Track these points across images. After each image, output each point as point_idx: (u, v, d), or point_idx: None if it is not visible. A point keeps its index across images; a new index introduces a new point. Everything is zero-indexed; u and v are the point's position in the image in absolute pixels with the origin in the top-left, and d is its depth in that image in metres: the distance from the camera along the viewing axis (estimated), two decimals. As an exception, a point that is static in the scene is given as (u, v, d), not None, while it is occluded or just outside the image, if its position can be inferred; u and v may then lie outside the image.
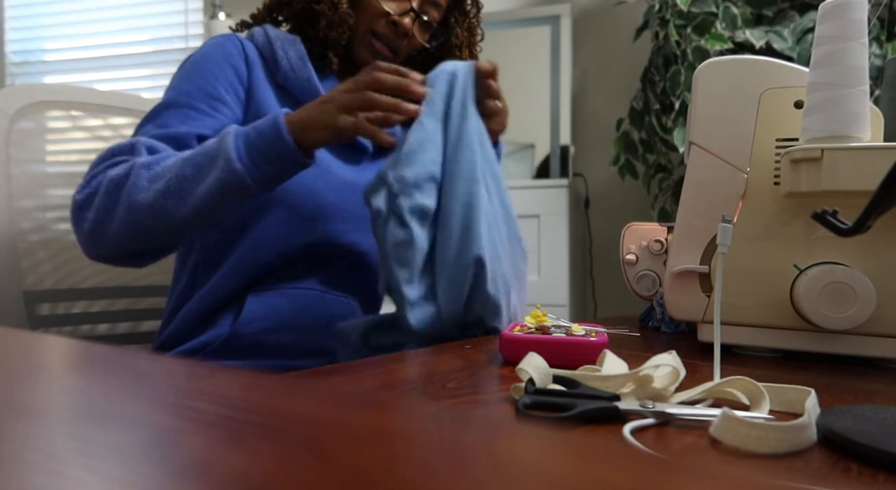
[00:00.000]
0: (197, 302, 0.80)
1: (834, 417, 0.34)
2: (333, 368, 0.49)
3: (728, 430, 0.32)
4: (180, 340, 0.81)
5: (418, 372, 0.47)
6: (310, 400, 0.20)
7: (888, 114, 0.60)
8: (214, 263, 0.81)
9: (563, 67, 2.21)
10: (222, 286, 0.80)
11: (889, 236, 0.55)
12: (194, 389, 0.22)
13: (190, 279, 0.83)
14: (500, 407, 0.38)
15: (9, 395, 0.20)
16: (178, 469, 0.14)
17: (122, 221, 0.70)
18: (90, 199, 0.72)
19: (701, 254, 0.60)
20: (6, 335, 0.29)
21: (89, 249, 0.75)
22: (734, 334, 0.59)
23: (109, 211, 0.71)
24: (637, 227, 0.78)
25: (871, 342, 0.55)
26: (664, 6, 1.68)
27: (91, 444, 0.16)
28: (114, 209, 0.71)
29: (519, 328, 0.53)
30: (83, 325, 0.93)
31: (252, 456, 0.15)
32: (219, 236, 0.81)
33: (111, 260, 0.76)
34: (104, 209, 0.71)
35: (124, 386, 0.22)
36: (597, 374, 0.41)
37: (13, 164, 0.88)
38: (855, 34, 0.52)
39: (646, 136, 1.92)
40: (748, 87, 0.60)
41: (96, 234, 0.72)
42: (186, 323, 0.80)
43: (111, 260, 0.76)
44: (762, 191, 0.59)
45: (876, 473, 0.29)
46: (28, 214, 0.89)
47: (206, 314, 0.80)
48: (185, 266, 0.85)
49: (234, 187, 0.68)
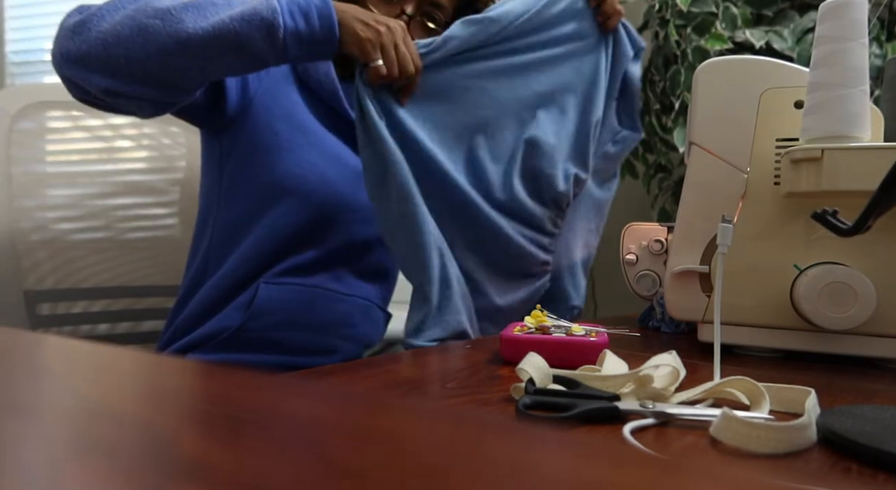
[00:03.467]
0: (209, 289, 0.80)
1: (834, 417, 0.34)
2: (333, 368, 0.49)
3: (728, 430, 0.32)
4: (192, 326, 0.80)
5: (418, 372, 0.47)
6: (310, 400, 0.20)
7: (888, 114, 0.60)
8: (227, 250, 0.81)
9: (563, 67, 2.21)
10: (234, 272, 0.80)
11: (889, 236, 0.55)
12: (194, 389, 0.22)
13: (202, 264, 0.83)
14: (500, 407, 0.38)
15: (9, 395, 0.20)
16: (177, 469, 0.14)
17: (124, 15, 0.63)
18: None
19: (701, 254, 0.60)
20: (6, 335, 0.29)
21: (66, 42, 0.64)
22: (734, 334, 0.59)
23: (115, 5, 0.64)
24: (637, 227, 0.78)
25: (871, 342, 0.55)
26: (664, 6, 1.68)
27: (91, 444, 0.16)
28: (121, 3, 0.64)
29: (519, 328, 0.53)
30: (83, 325, 0.93)
31: (252, 456, 0.15)
32: (232, 220, 0.81)
33: (82, 62, 0.64)
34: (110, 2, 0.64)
35: (124, 386, 0.22)
36: (597, 374, 0.41)
37: (14, 164, 0.88)
38: (855, 34, 0.52)
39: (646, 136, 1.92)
40: (748, 87, 0.60)
41: (85, 24, 0.63)
42: (200, 307, 0.81)
43: (82, 62, 0.64)
44: (762, 191, 0.59)
45: (876, 473, 0.29)
46: (28, 214, 0.89)
47: (218, 301, 0.80)
48: (197, 251, 0.85)
49: (261, 25, 0.63)
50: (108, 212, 0.97)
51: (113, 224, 0.98)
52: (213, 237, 0.83)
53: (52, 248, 0.90)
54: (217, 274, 0.80)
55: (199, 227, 0.86)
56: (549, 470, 0.14)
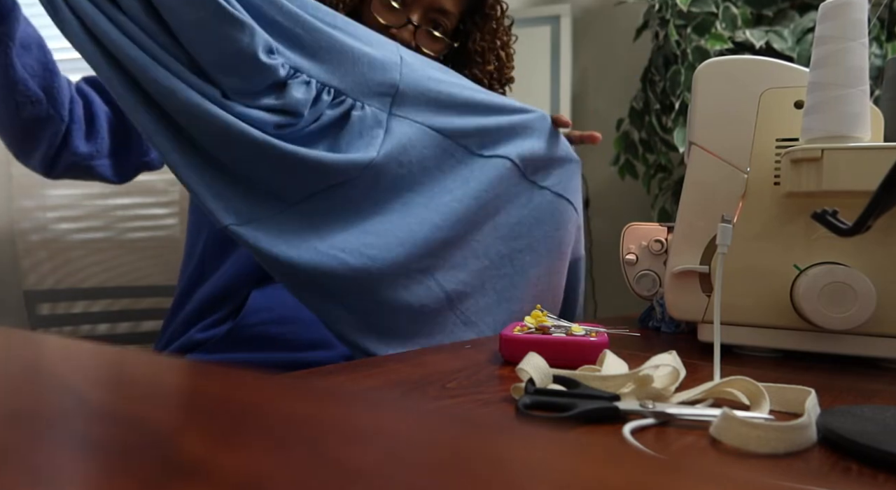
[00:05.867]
0: (207, 290, 0.81)
1: (834, 417, 0.34)
2: (333, 368, 0.49)
3: (728, 430, 0.32)
4: (191, 326, 0.81)
5: (418, 372, 0.47)
6: (310, 400, 0.20)
7: (888, 114, 0.60)
8: (223, 252, 0.81)
9: (563, 67, 2.21)
10: (231, 274, 0.80)
11: (889, 236, 0.55)
12: (194, 389, 0.22)
13: (199, 266, 0.83)
14: (500, 407, 0.38)
15: (8, 395, 0.20)
16: (177, 469, 0.14)
17: None
18: None
19: (701, 254, 0.60)
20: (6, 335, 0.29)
21: None
22: (734, 334, 0.59)
23: None
24: (637, 227, 0.78)
25: (871, 342, 0.55)
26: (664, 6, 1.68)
27: (91, 444, 0.16)
28: None
29: (519, 328, 0.53)
30: (83, 325, 0.93)
31: (252, 456, 0.15)
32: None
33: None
34: None
35: (124, 386, 0.22)
36: (597, 374, 0.41)
37: (14, 165, 0.88)
38: (855, 34, 0.52)
39: (646, 136, 1.92)
40: (748, 87, 0.60)
41: None
42: (198, 307, 0.81)
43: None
44: (762, 191, 0.59)
45: (876, 473, 0.29)
46: (28, 214, 0.89)
47: (215, 302, 0.80)
48: (193, 254, 0.85)
49: None
50: (107, 212, 0.97)
51: (113, 224, 0.98)
52: (207, 240, 0.83)
53: (52, 249, 0.90)
54: (214, 275, 0.80)
55: (194, 229, 0.86)
56: (548, 470, 0.14)
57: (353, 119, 0.65)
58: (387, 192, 0.68)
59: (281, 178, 0.62)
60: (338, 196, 0.65)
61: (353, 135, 0.65)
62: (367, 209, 0.67)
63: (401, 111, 0.69)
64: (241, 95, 0.59)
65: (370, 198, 0.67)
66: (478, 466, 0.14)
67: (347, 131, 0.65)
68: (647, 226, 0.77)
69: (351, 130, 0.65)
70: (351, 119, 0.65)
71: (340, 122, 0.65)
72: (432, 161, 0.70)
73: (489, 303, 0.75)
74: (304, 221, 0.63)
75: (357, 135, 0.65)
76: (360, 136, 0.66)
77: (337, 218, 0.65)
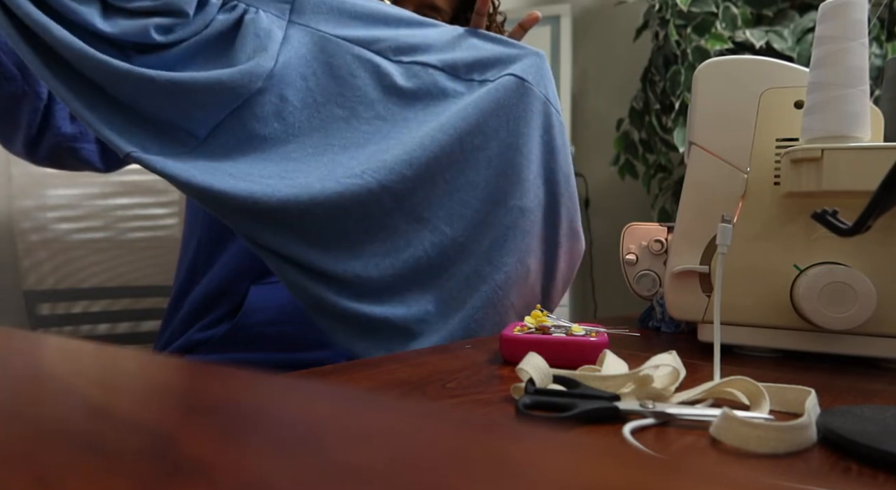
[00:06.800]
0: (202, 289, 0.80)
1: (834, 417, 0.34)
2: (333, 368, 0.49)
3: (728, 430, 0.32)
4: (189, 326, 0.80)
5: (418, 372, 0.47)
6: (310, 400, 0.20)
7: (888, 114, 0.60)
8: (217, 249, 0.81)
9: (563, 67, 2.21)
10: (225, 272, 0.80)
11: (889, 236, 0.55)
12: (194, 389, 0.22)
13: (192, 264, 0.83)
14: (500, 407, 0.38)
15: (8, 395, 0.20)
16: (177, 469, 0.14)
17: None
18: None
19: (701, 254, 0.60)
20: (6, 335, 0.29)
21: None
22: (734, 334, 0.59)
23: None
24: (637, 227, 0.78)
25: (871, 342, 0.55)
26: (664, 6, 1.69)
27: (90, 444, 0.16)
28: None
29: (519, 328, 0.53)
30: (83, 325, 0.93)
31: (252, 456, 0.15)
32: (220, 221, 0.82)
33: None
34: None
35: (124, 386, 0.22)
36: (597, 374, 0.41)
37: (14, 165, 0.88)
38: (855, 34, 0.52)
39: (646, 136, 1.92)
40: (748, 87, 0.60)
41: None
42: (196, 307, 0.80)
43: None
44: (762, 191, 0.59)
45: (876, 473, 0.29)
46: (28, 214, 0.89)
47: (212, 302, 0.80)
48: (187, 251, 0.85)
49: None
50: (108, 212, 0.97)
51: (113, 224, 0.98)
52: (202, 237, 0.83)
53: (52, 249, 0.90)
54: (210, 272, 0.80)
55: (189, 226, 0.86)
56: (548, 470, 0.14)
57: (245, 24, 0.60)
58: (298, 111, 0.62)
59: (182, 110, 0.58)
60: (245, 123, 0.61)
61: (246, 43, 0.60)
62: (279, 134, 0.62)
63: (301, 19, 0.63)
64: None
65: (280, 118, 0.61)
66: (478, 466, 0.14)
67: (241, 41, 0.60)
68: (647, 226, 0.77)
69: (245, 40, 0.60)
70: (244, 24, 0.60)
71: (233, 30, 0.61)
72: (343, 70, 0.64)
73: (439, 194, 0.67)
74: (217, 155, 0.60)
75: (252, 41, 0.60)
76: (255, 42, 0.60)
77: (249, 147, 0.61)
